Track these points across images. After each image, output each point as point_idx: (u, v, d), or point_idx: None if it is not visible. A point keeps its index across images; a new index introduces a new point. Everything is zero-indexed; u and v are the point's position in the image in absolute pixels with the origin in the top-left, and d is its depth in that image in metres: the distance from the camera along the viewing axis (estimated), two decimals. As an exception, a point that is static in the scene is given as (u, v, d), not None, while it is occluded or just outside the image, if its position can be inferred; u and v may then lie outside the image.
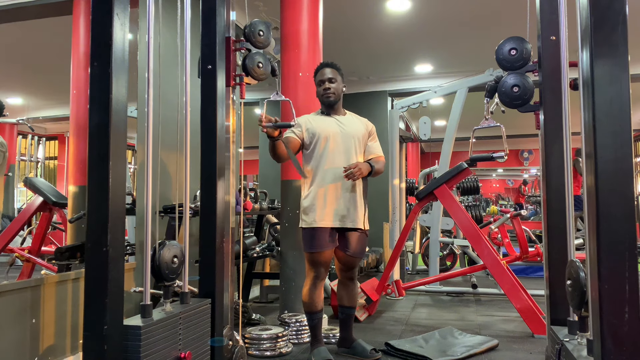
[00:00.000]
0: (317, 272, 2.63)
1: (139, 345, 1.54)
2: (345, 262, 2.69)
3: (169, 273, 1.77)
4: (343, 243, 2.64)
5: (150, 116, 1.73)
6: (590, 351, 1.44)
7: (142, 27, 3.03)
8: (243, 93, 2.32)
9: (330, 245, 2.60)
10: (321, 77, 2.75)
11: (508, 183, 17.00)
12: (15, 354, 2.15)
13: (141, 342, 1.54)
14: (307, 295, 2.65)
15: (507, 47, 2.32)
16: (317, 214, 2.58)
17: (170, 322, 1.71)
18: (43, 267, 3.93)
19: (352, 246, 2.64)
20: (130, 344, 1.54)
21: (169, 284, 1.78)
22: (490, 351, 2.84)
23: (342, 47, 5.43)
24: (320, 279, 2.65)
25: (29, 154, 10.07)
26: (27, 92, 7.58)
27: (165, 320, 1.68)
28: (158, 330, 1.63)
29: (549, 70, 2.15)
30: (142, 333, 1.55)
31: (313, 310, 2.65)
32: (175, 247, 1.80)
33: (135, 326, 1.55)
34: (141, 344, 1.54)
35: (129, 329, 1.55)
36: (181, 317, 1.77)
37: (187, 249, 1.92)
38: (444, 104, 7.43)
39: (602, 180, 1.34)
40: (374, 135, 2.86)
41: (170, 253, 1.77)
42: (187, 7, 2.06)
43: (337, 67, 2.78)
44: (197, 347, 1.88)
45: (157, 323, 1.63)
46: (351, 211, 2.62)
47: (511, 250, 4.42)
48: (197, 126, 2.14)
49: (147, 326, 1.58)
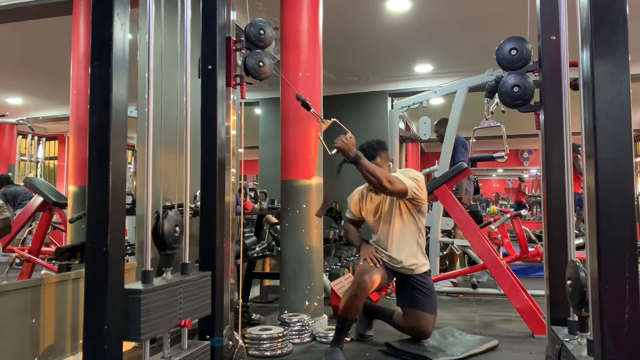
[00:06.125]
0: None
1: (139, 310, 1.54)
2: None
3: (172, 241, 1.77)
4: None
5: (150, 116, 1.73)
6: (590, 351, 1.44)
7: (142, 27, 3.03)
8: (243, 93, 2.32)
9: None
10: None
11: (508, 183, 17.00)
12: (15, 354, 2.15)
13: (141, 306, 1.54)
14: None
15: (508, 47, 2.31)
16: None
17: (171, 290, 1.71)
18: (43, 267, 3.93)
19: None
20: (130, 308, 1.53)
21: (170, 252, 1.79)
22: (490, 351, 2.84)
23: (342, 47, 5.42)
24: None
25: (29, 154, 10.07)
26: (27, 92, 7.59)
27: (165, 286, 1.69)
28: (159, 295, 1.63)
29: (549, 70, 2.15)
30: (143, 297, 1.55)
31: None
32: (177, 217, 1.81)
33: (136, 289, 1.55)
34: (141, 308, 1.54)
35: (130, 292, 1.54)
36: (181, 287, 1.78)
37: (187, 249, 1.93)
38: (444, 104, 7.42)
39: (602, 180, 1.34)
40: (404, 173, 2.75)
41: (173, 221, 1.78)
42: (187, 7, 2.06)
43: (379, 152, 2.79)
44: (197, 317, 1.89)
45: (157, 289, 1.63)
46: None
47: (511, 250, 4.41)
48: (197, 126, 2.14)
49: (148, 290, 1.58)
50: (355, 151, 2.52)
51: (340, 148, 2.48)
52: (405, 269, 2.78)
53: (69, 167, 4.08)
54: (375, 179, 2.53)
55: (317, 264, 3.34)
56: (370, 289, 2.70)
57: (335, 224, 5.39)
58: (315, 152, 3.37)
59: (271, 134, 6.42)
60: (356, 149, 2.55)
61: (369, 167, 2.53)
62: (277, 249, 3.83)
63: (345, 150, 2.48)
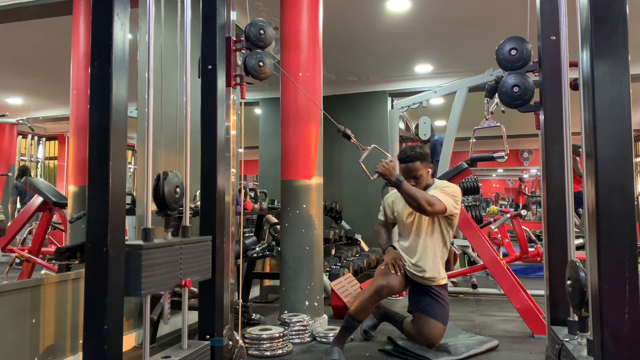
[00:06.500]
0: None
1: (140, 266, 1.54)
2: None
3: (172, 202, 1.78)
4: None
5: (150, 116, 1.73)
6: (590, 351, 1.44)
7: (142, 27, 3.03)
8: (243, 93, 2.32)
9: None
10: (405, 173, 2.78)
11: (508, 183, 17.00)
12: (15, 354, 2.15)
13: (142, 261, 1.54)
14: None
15: (508, 47, 2.32)
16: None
17: (171, 249, 1.72)
18: (43, 267, 3.93)
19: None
20: (131, 264, 1.54)
21: (171, 213, 1.80)
22: (490, 351, 2.84)
23: (342, 47, 5.42)
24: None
25: (29, 154, 10.07)
26: (27, 92, 7.58)
27: (166, 244, 1.69)
28: (159, 253, 1.64)
29: (549, 70, 2.15)
30: (143, 253, 1.55)
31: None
32: (177, 178, 1.82)
33: (137, 245, 1.56)
34: (142, 263, 1.54)
35: (131, 247, 1.55)
36: (182, 247, 1.78)
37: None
38: (444, 104, 7.42)
39: (602, 180, 1.35)
40: (443, 190, 2.76)
41: (173, 182, 1.79)
42: (187, 7, 2.06)
43: (418, 156, 2.79)
44: (197, 280, 1.89)
45: (158, 245, 1.64)
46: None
47: (511, 250, 4.42)
48: (197, 126, 2.14)
49: (149, 247, 1.59)
50: (397, 175, 2.62)
51: (381, 173, 2.59)
52: (426, 280, 2.79)
53: (69, 167, 4.08)
54: (415, 202, 2.61)
55: (317, 264, 3.35)
56: (387, 296, 2.73)
57: (336, 224, 5.40)
58: (315, 152, 3.37)
59: (271, 134, 6.43)
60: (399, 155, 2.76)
61: (409, 190, 2.61)
62: (277, 249, 3.83)
63: (387, 175, 2.59)
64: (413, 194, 2.59)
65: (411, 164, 2.76)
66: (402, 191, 2.61)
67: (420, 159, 2.78)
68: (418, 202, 2.59)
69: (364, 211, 6.23)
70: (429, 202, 2.60)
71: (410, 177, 2.76)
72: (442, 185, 2.80)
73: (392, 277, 2.70)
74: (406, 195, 2.61)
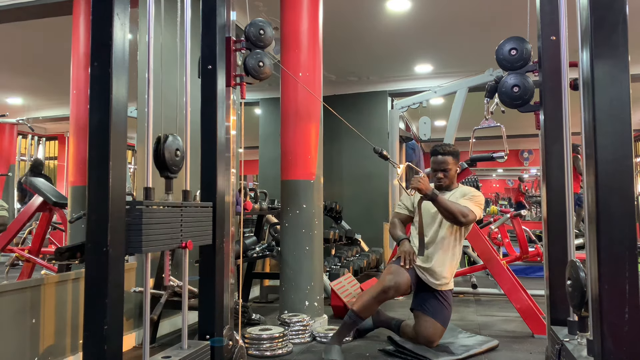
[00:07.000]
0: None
1: (140, 225, 1.54)
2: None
3: (172, 164, 1.79)
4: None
5: (150, 116, 1.73)
6: (590, 351, 1.44)
7: (142, 27, 3.03)
8: (243, 93, 2.32)
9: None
10: (435, 165, 2.86)
11: (508, 183, 17.00)
12: (15, 354, 2.15)
13: (143, 219, 1.55)
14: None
15: (508, 47, 2.32)
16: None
17: (172, 210, 1.73)
18: (43, 267, 3.93)
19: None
20: (132, 222, 1.54)
21: (172, 176, 1.81)
22: (490, 351, 2.84)
23: (342, 47, 5.43)
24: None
25: (29, 154, 10.07)
26: (27, 92, 7.58)
27: (167, 204, 1.71)
28: (160, 212, 1.65)
29: (549, 70, 2.15)
30: (144, 210, 1.56)
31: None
32: (178, 141, 1.82)
33: (138, 201, 1.57)
34: (143, 221, 1.55)
35: (132, 204, 1.55)
36: (182, 210, 1.79)
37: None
38: (444, 104, 7.43)
39: (602, 180, 1.35)
40: (472, 199, 2.80)
41: (174, 145, 1.79)
42: (187, 7, 2.06)
43: (451, 152, 2.87)
44: (197, 244, 1.91)
45: (159, 204, 1.65)
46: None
47: (511, 250, 4.42)
48: (197, 126, 2.14)
49: (149, 204, 1.60)
50: (432, 189, 2.71)
51: (418, 188, 2.68)
52: (434, 281, 2.79)
53: (69, 167, 4.08)
54: (451, 215, 2.67)
55: (317, 264, 3.35)
56: (393, 297, 2.74)
57: (336, 224, 5.40)
58: (315, 152, 3.37)
59: (271, 134, 6.43)
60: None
61: (445, 204, 2.68)
62: (277, 249, 3.83)
63: (423, 190, 2.68)
64: (448, 207, 2.67)
65: (443, 157, 2.85)
66: (437, 204, 2.68)
67: (453, 154, 2.87)
68: (454, 215, 2.66)
69: (364, 211, 6.24)
70: (464, 214, 2.68)
71: (439, 170, 2.84)
72: (470, 193, 2.83)
73: (400, 277, 2.69)
74: (442, 208, 2.68)
